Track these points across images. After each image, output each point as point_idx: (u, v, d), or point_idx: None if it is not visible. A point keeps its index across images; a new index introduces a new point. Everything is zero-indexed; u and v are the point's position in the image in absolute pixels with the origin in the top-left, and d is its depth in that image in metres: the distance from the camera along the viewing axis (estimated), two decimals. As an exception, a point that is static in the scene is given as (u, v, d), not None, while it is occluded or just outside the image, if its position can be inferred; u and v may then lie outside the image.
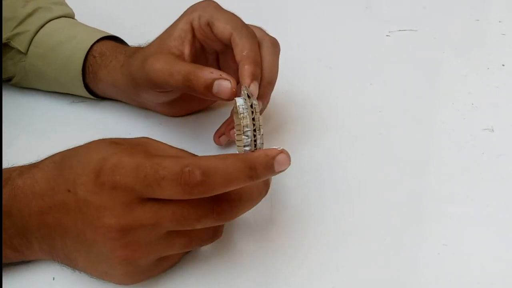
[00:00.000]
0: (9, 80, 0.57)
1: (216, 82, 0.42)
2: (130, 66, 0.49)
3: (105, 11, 0.59)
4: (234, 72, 0.45)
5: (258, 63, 0.45)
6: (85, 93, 0.55)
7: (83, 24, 0.57)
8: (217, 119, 0.53)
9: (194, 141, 0.52)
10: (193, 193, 0.33)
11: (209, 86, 0.42)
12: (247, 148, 0.40)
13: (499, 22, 0.67)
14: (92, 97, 0.55)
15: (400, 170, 0.48)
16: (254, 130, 0.39)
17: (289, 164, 0.36)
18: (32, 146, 0.48)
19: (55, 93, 0.58)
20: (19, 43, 0.54)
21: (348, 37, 0.65)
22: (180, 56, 0.46)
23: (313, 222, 0.44)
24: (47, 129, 0.54)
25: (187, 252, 0.40)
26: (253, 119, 0.40)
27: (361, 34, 0.66)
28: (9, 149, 0.44)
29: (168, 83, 0.44)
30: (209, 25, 0.46)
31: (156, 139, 0.53)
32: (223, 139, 0.49)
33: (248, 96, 0.40)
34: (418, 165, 0.48)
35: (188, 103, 0.53)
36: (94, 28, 0.56)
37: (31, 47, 0.54)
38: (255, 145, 0.40)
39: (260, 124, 0.40)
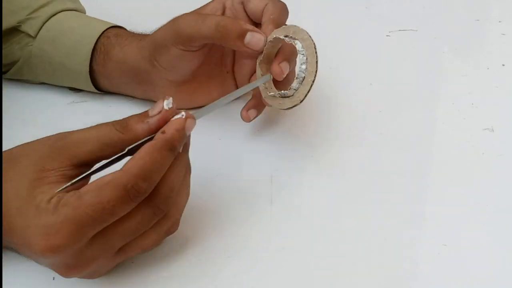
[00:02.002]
0: (6, 71, 0.57)
1: (249, 33, 0.45)
2: (151, 37, 0.50)
3: (112, 12, 0.59)
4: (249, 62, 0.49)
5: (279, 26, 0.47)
6: (87, 81, 0.55)
7: (95, 18, 0.58)
8: (216, 120, 0.53)
9: (193, 141, 0.52)
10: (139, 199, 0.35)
11: (242, 35, 0.45)
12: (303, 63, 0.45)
13: (499, 22, 0.67)
14: (92, 88, 0.55)
15: (400, 170, 0.48)
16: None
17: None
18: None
19: (54, 93, 0.57)
20: (30, 27, 0.55)
21: (348, 37, 0.65)
22: None
23: (313, 222, 0.44)
24: (47, 129, 0.53)
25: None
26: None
27: (361, 34, 0.66)
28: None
29: (200, 31, 0.45)
30: (242, 3, 0.49)
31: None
32: (251, 112, 0.50)
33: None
34: (418, 165, 0.48)
35: (195, 92, 0.53)
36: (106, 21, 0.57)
37: (42, 31, 0.55)
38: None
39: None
